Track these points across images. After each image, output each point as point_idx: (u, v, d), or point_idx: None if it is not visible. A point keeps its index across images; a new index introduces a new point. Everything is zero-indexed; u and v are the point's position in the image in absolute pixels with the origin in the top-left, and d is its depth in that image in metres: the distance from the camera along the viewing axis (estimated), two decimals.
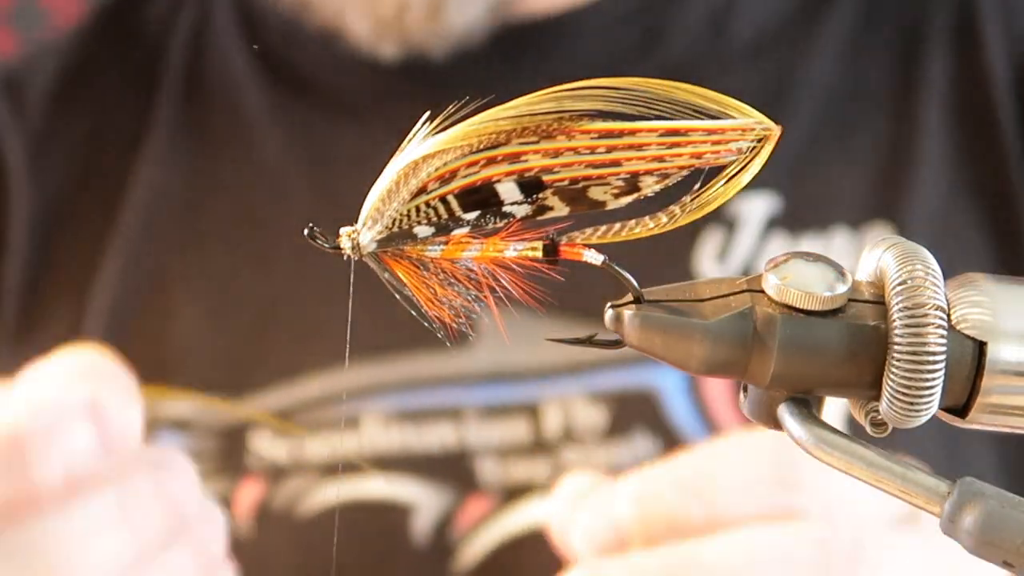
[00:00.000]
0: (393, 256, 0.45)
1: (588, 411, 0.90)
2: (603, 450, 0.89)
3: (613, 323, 0.43)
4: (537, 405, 0.91)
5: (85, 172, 1.02)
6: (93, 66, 1.06)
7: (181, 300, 0.97)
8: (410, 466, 0.91)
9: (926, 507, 0.41)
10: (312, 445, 0.92)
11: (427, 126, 0.43)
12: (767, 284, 0.42)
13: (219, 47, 1.03)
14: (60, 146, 1.03)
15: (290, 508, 0.91)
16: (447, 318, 0.45)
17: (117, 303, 0.97)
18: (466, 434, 0.91)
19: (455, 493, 0.90)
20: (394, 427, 0.91)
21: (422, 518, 0.90)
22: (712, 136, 0.42)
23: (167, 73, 1.03)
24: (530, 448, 0.90)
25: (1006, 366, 0.42)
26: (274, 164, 1.00)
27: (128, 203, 1.00)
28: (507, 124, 0.42)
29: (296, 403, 0.93)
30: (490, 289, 0.45)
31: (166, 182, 1.00)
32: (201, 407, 0.94)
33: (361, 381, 0.93)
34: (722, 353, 0.43)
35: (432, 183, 0.43)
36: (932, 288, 0.41)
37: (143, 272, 0.98)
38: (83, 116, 1.04)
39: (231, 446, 0.93)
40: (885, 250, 0.43)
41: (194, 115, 1.02)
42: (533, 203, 0.43)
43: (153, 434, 0.94)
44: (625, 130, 0.42)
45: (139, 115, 1.02)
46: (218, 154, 1.01)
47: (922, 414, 0.42)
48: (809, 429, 0.43)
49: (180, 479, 0.70)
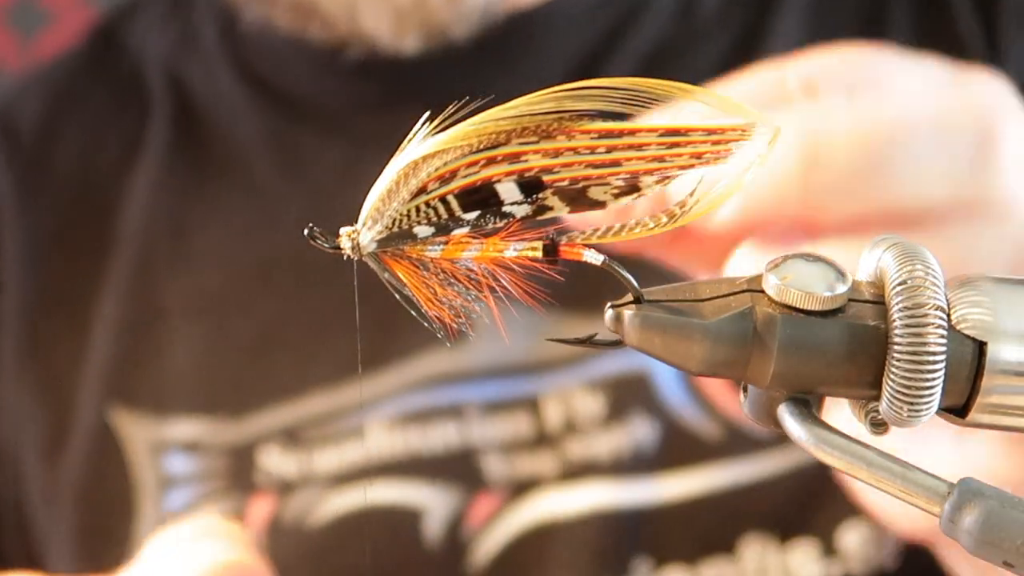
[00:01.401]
0: (393, 256, 0.45)
1: (586, 400, 0.90)
2: (603, 437, 0.89)
3: (613, 323, 0.43)
4: (537, 399, 0.91)
5: (77, 201, 1.02)
6: (80, 93, 1.06)
7: (180, 324, 0.97)
8: (417, 469, 0.90)
9: (926, 507, 0.41)
10: (320, 458, 0.92)
11: (427, 126, 0.43)
12: (767, 284, 0.42)
13: (206, 69, 1.03)
14: (52, 176, 1.03)
15: (301, 521, 0.91)
16: (447, 318, 0.45)
17: (117, 332, 0.97)
18: (469, 432, 0.91)
19: (463, 492, 0.90)
20: (398, 431, 0.91)
21: (433, 520, 0.90)
22: (712, 136, 0.42)
23: (154, 97, 1.03)
24: (534, 442, 0.90)
25: (1006, 366, 0.42)
26: (265, 184, 1.00)
27: (122, 230, 1.00)
28: (507, 124, 0.42)
29: (300, 420, 0.93)
30: (490, 289, 0.45)
31: (159, 207, 1.00)
32: (207, 428, 0.94)
33: (365, 392, 0.93)
34: (722, 353, 0.43)
35: (432, 183, 0.43)
36: (932, 288, 0.41)
37: (141, 299, 0.98)
38: (72, 144, 1.04)
39: (240, 464, 0.93)
40: (885, 250, 0.43)
41: (184, 139, 1.02)
42: (533, 203, 0.43)
43: (161, 456, 0.95)
44: (625, 130, 0.42)
45: (128, 141, 1.02)
46: (210, 177, 1.01)
47: (922, 414, 0.42)
48: (809, 429, 0.43)
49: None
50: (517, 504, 0.90)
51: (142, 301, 0.98)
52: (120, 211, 1.00)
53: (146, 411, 0.96)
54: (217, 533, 0.64)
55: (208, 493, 0.93)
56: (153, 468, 0.95)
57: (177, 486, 0.94)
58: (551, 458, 0.90)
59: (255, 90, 1.02)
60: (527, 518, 0.89)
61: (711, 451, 0.89)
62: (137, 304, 0.98)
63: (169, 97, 1.03)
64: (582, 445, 0.90)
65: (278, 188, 0.99)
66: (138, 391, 0.96)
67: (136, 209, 1.00)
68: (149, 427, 0.95)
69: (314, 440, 0.92)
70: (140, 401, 0.96)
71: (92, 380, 0.97)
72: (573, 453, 0.90)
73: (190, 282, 0.98)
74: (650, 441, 0.89)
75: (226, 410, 0.94)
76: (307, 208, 0.97)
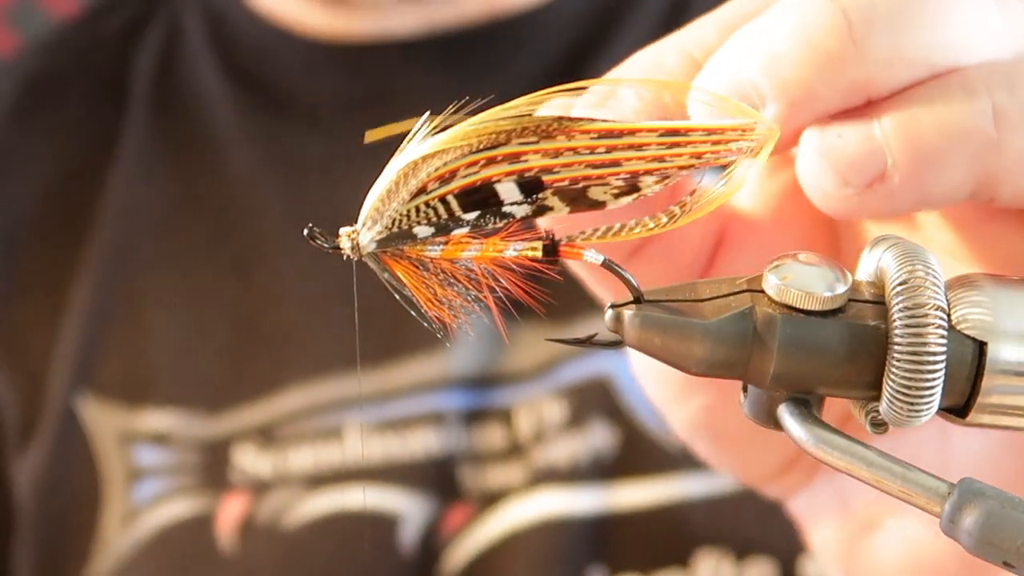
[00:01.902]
0: (393, 256, 0.45)
1: (552, 408, 0.90)
2: (563, 443, 0.89)
3: (613, 323, 0.43)
4: (511, 409, 0.91)
5: (52, 190, 1.01)
6: (55, 83, 1.06)
7: (158, 317, 0.97)
8: (396, 475, 0.90)
9: (927, 507, 0.41)
10: (296, 458, 0.92)
11: (427, 126, 0.43)
12: (767, 284, 0.42)
13: (189, 63, 1.03)
14: (23, 164, 1.03)
15: (275, 522, 0.91)
16: (447, 318, 0.45)
17: (91, 319, 0.97)
18: (449, 441, 0.90)
19: (439, 501, 0.90)
20: (377, 436, 0.91)
21: (409, 528, 0.89)
22: (712, 136, 0.42)
23: (134, 90, 1.03)
24: (506, 453, 0.90)
25: (1006, 366, 0.42)
26: (247, 177, 0.99)
27: (100, 221, 0.99)
28: (507, 124, 0.42)
29: (278, 417, 0.93)
30: (489, 289, 0.45)
31: (139, 199, 1.00)
32: (181, 421, 0.94)
33: (342, 392, 0.92)
34: (722, 353, 0.42)
35: (432, 183, 0.43)
36: (933, 288, 0.41)
37: (118, 290, 0.97)
38: (46, 134, 1.03)
39: (213, 461, 0.93)
40: (885, 250, 0.43)
41: (165, 131, 1.02)
42: (533, 203, 0.43)
43: (131, 447, 0.94)
44: (625, 130, 0.42)
45: (106, 132, 1.02)
46: (190, 169, 1.01)
47: (922, 414, 0.41)
48: (809, 429, 0.43)
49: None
50: (486, 515, 0.89)
51: (118, 290, 0.97)
52: (97, 200, 1.00)
53: (116, 400, 0.95)
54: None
55: (179, 487, 0.93)
56: (121, 459, 0.94)
57: (146, 478, 0.93)
58: (520, 468, 0.90)
59: (239, 83, 1.02)
60: (494, 530, 0.89)
61: (671, 461, 0.88)
62: (113, 293, 0.97)
63: (150, 89, 1.02)
64: (545, 452, 0.89)
65: (260, 182, 0.99)
66: (109, 380, 0.96)
67: (114, 199, 1.00)
68: (119, 416, 0.95)
69: (289, 439, 0.92)
70: (111, 390, 0.95)
71: (62, 366, 0.96)
72: (537, 461, 0.90)
73: (168, 273, 0.98)
74: (609, 448, 0.89)
75: (202, 404, 0.94)
76: (289, 203, 0.97)
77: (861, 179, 0.43)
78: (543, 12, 0.99)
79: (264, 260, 0.96)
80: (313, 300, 0.93)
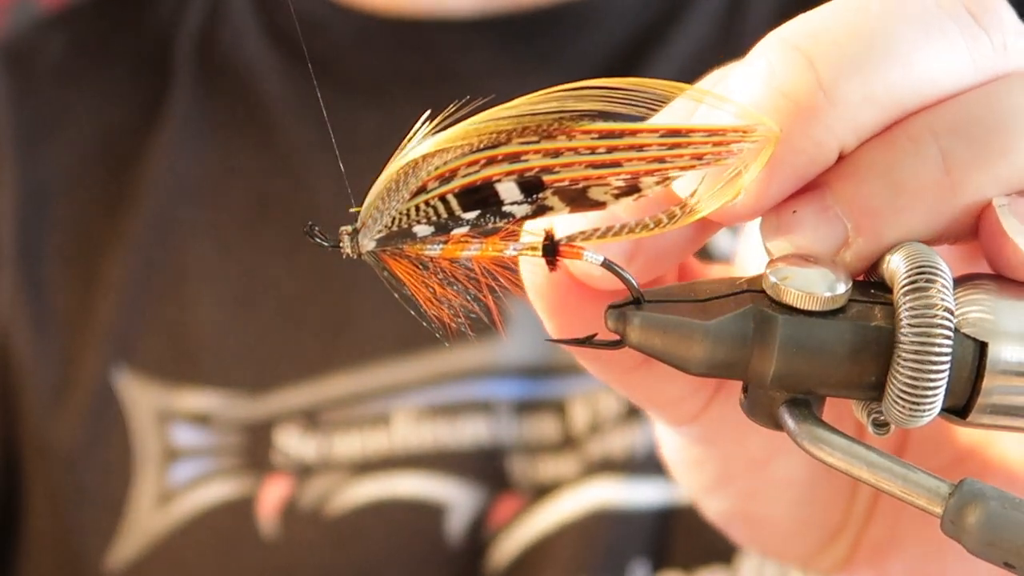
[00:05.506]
0: (392, 255, 0.45)
1: (608, 400, 0.89)
2: (619, 434, 0.88)
3: (613, 323, 0.43)
4: (564, 401, 0.90)
5: (94, 152, 0.99)
6: (103, 47, 1.04)
7: (200, 291, 0.95)
8: (444, 463, 0.89)
9: (927, 507, 0.41)
10: (341, 443, 0.90)
11: (427, 125, 0.42)
12: (767, 284, 0.42)
13: (234, 32, 1.01)
14: (66, 124, 1.01)
15: (319, 508, 0.89)
16: (446, 317, 0.45)
17: (132, 293, 0.95)
18: (499, 430, 0.89)
19: (489, 491, 0.89)
20: (426, 422, 0.90)
21: (457, 517, 0.88)
22: (713, 137, 0.42)
23: (179, 60, 1.01)
24: (559, 445, 0.89)
25: (1007, 366, 0.42)
26: (295, 150, 0.97)
27: (141, 189, 0.97)
28: (507, 123, 0.42)
29: (324, 400, 0.91)
30: (489, 288, 0.45)
31: (183, 171, 0.98)
32: (222, 401, 0.92)
33: (391, 378, 0.91)
34: (722, 353, 0.42)
35: (432, 182, 0.43)
36: (942, 290, 0.41)
37: (158, 261, 0.95)
38: (92, 96, 1.01)
39: (255, 442, 0.91)
40: (893, 251, 0.43)
41: (210, 102, 1.00)
42: (533, 203, 0.43)
43: (168, 426, 0.93)
44: (626, 130, 0.42)
45: (151, 99, 1.00)
46: (237, 141, 0.99)
47: (926, 415, 0.41)
48: (809, 430, 0.43)
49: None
50: (537, 507, 0.89)
51: (159, 261, 0.95)
52: (140, 167, 0.98)
53: (155, 377, 0.93)
54: None
55: (219, 469, 0.91)
56: (158, 437, 0.92)
57: (184, 459, 0.92)
58: (574, 460, 0.89)
59: (287, 54, 1.00)
60: (545, 521, 0.88)
61: None
62: (153, 264, 0.95)
63: (194, 56, 1.01)
64: (600, 444, 0.88)
65: (311, 156, 0.97)
66: (148, 355, 0.94)
67: (157, 166, 0.98)
68: (157, 394, 0.93)
69: (336, 424, 0.90)
70: (150, 366, 0.93)
71: (99, 338, 0.94)
72: (592, 453, 0.89)
73: (212, 246, 0.96)
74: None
75: (245, 385, 0.92)
76: (341, 179, 0.95)
77: (829, 249, 0.43)
78: (599, 4, 0.97)
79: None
80: (362, 283, 0.92)
